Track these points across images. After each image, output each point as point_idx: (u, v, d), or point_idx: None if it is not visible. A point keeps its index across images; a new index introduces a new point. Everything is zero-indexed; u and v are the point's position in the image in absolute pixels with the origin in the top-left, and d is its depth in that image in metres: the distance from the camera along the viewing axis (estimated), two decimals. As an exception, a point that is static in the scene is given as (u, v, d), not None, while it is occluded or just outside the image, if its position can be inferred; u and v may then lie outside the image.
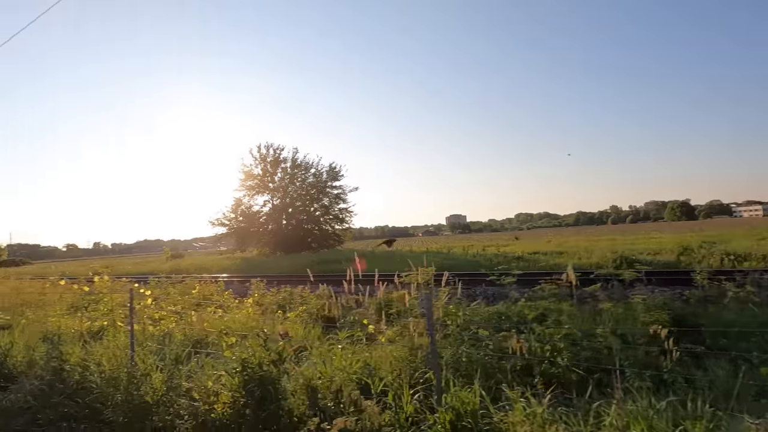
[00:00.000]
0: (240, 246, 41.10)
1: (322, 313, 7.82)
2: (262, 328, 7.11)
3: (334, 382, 3.16)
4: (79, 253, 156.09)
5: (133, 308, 4.94)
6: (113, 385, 4.37)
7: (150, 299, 6.75)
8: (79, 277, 13.02)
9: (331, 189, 41.65)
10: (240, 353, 3.54)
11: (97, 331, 6.51)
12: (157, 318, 6.56)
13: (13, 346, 5.83)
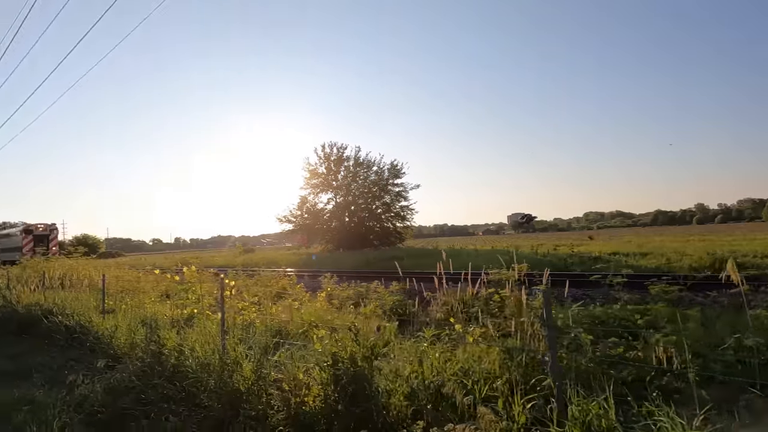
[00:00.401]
0: (305, 242, 42.65)
1: (398, 310, 7.72)
2: (333, 320, 7.19)
3: (433, 382, 2.95)
4: (162, 247, 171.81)
5: (224, 298, 5.09)
6: (206, 371, 4.54)
7: (233, 290, 7.03)
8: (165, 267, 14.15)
9: (392, 186, 41.78)
10: (330, 346, 3.45)
11: (186, 318, 6.88)
12: (240, 308, 6.80)
13: (117, 329, 6.33)
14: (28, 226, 31.54)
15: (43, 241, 30.68)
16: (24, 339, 7.54)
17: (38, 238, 30.78)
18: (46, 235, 31.57)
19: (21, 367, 6.17)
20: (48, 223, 32.40)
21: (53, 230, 32.70)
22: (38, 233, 31.23)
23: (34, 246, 29.17)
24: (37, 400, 4.69)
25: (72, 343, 6.60)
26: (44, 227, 31.90)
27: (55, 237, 32.51)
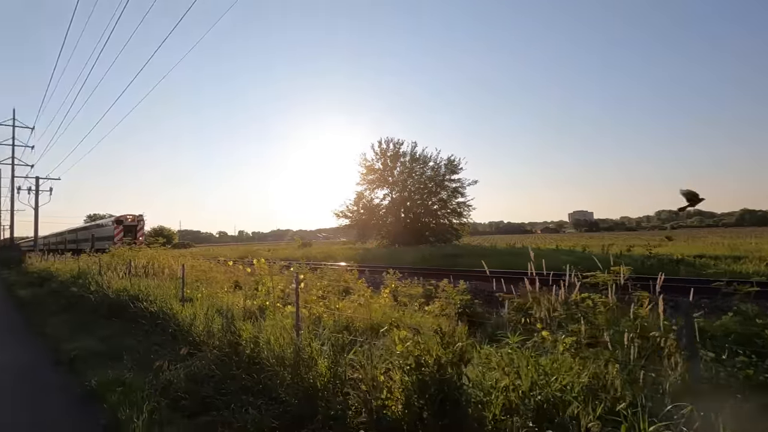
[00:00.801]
0: (361, 237, 43.17)
1: (466, 310, 7.39)
2: (400, 319, 7.02)
3: (532, 397, 2.65)
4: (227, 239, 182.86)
5: (298, 292, 5.08)
6: (281, 364, 4.54)
7: (302, 284, 7.08)
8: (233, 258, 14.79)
9: (449, 182, 41.04)
10: (413, 348, 3.25)
11: (258, 309, 7.04)
12: (308, 302, 6.83)
13: (196, 317, 6.61)
14: (119, 217, 33.45)
15: (131, 231, 32.63)
16: (114, 322, 8.16)
17: (127, 229, 32.72)
18: (134, 225, 33.51)
19: (112, 348, 6.63)
20: (136, 215, 34.19)
21: (140, 221, 34.51)
22: (128, 224, 33.19)
23: (124, 236, 31.22)
24: (128, 382, 4.96)
25: (155, 328, 7.01)
26: (132, 218, 33.76)
27: (141, 228, 34.46)
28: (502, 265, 18.61)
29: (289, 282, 8.06)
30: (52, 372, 6.08)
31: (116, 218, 33.47)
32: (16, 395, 5.17)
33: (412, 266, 19.75)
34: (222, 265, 11.34)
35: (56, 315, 10.02)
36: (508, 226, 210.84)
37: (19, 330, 9.16)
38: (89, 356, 6.39)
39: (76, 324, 8.70)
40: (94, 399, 4.82)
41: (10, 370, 6.21)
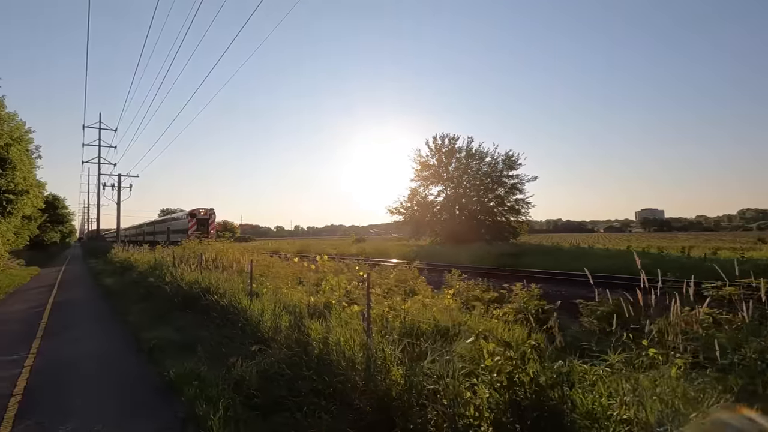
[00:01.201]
0: (415, 234, 42.80)
1: (539, 316, 6.86)
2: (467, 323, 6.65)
3: None
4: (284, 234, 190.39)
5: (369, 293, 4.89)
6: (351, 368, 4.38)
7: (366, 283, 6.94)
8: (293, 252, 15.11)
9: (506, 178, 39.52)
10: (505, 364, 2.91)
11: (323, 307, 6.99)
12: (373, 302, 6.66)
13: (264, 312, 6.67)
14: (193, 211, 33.73)
15: (203, 225, 33.29)
16: (187, 313, 8.52)
17: (200, 222, 33.23)
18: (206, 219, 33.91)
19: (186, 339, 6.88)
20: (208, 208, 34.57)
21: (212, 215, 34.81)
22: (200, 217, 33.59)
23: (197, 229, 32.05)
24: (203, 375, 5.06)
25: (226, 322, 7.19)
26: (205, 212, 34.11)
27: (213, 221, 34.95)
28: (568, 267, 17.49)
29: (351, 279, 7.98)
30: (134, 360, 6.40)
31: (190, 212, 33.93)
32: (102, 383, 5.46)
33: (469, 265, 19.11)
34: (284, 260, 11.55)
35: (136, 304, 10.73)
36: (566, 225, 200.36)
37: (106, 318, 9.90)
38: (166, 346, 6.67)
39: (153, 313, 9.23)
40: (172, 390, 4.97)
41: (97, 357, 6.64)
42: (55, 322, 9.38)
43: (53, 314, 10.40)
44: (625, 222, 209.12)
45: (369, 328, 4.59)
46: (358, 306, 6.31)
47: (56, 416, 4.41)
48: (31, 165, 21.27)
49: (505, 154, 39.43)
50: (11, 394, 5.03)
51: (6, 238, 20.60)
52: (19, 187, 18.58)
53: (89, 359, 6.53)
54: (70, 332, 8.40)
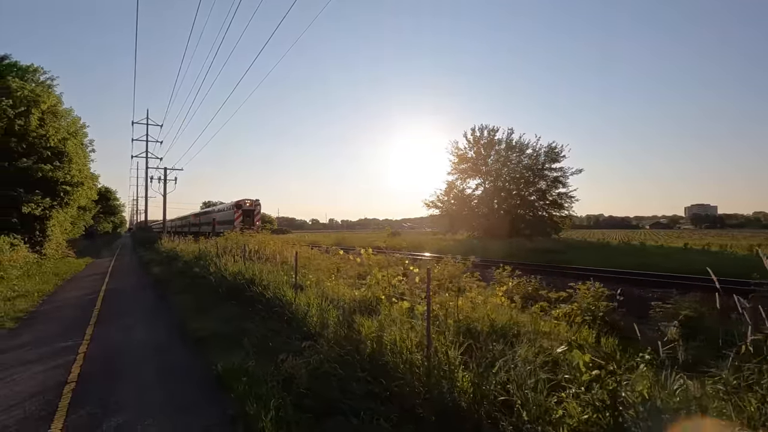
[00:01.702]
0: (451, 228, 41.97)
1: (604, 317, 6.26)
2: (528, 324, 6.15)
3: None
4: (319, 227, 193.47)
5: (430, 289, 4.50)
6: (409, 371, 4.04)
7: (416, 278, 6.57)
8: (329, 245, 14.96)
9: (548, 171, 37.89)
10: (610, 381, 2.45)
11: (369, 303, 6.69)
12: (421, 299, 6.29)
13: (310, 306, 6.45)
14: (238, 202, 32.80)
15: (249, 216, 32.36)
16: (232, 304, 8.48)
17: (246, 213, 32.31)
18: (252, 210, 32.94)
19: (232, 331, 6.77)
20: (253, 199, 33.54)
21: (257, 206, 33.81)
22: (246, 208, 32.64)
23: (243, 220, 31.37)
24: (251, 371, 4.88)
25: (271, 314, 7.05)
26: (251, 203, 33.10)
27: (258, 212, 33.96)
28: (618, 264, 16.39)
29: (395, 274, 7.63)
30: (181, 351, 6.36)
31: (235, 203, 33.11)
32: (151, 373, 5.41)
33: (512, 261, 18.33)
34: (324, 252, 11.38)
35: (182, 293, 10.89)
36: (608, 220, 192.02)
37: (154, 306, 10.09)
38: (212, 337, 6.59)
39: (199, 303, 9.28)
40: (220, 385, 4.81)
41: (146, 346, 6.65)
42: (107, 309, 9.64)
43: (105, 301, 10.73)
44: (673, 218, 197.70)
45: (428, 330, 4.21)
46: (407, 302, 5.97)
47: (108, 407, 4.34)
48: (85, 158, 22.35)
49: (547, 146, 37.80)
50: (66, 381, 5.04)
51: (63, 228, 21.77)
52: (75, 179, 19.53)
53: (139, 348, 6.55)
54: (121, 320, 8.57)
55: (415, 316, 5.43)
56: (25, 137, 17.45)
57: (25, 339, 7.11)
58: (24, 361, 5.88)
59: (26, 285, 12.50)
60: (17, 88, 16.89)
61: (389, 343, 4.43)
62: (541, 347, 4.27)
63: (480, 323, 5.53)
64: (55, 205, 18.64)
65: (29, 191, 17.02)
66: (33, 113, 17.39)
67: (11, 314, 8.78)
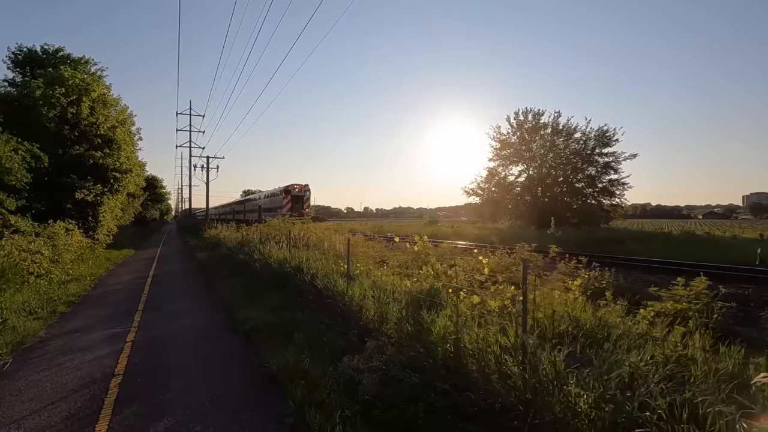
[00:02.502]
0: (492, 217, 40.50)
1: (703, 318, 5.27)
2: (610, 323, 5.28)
3: None
4: (354, 215, 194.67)
5: (527, 282, 3.74)
6: (501, 381, 3.33)
7: (486, 269, 5.84)
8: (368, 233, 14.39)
9: (599, 156, 35.52)
10: None
11: (430, 295, 6.02)
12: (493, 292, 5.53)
13: (365, 298, 5.86)
14: (287, 187, 30.85)
15: (298, 202, 30.57)
16: (278, 292, 8.07)
17: (295, 199, 30.48)
18: (301, 195, 31.02)
19: (281, 321, 6.31)
20: (303, 184, 31.49)
21: (306, 191, 31.79)
22: (295, 194, 30.75)
23: (292, 207, 29.57)
24: (307, 369, 4.35)
25: (322, 305, 6.53)
26: (300, 188, 31.10)
27: (308, 198, 31.80)
28: (683, 256, 14.86)
29: (450, 264, 6.91)
30: (230, 342, 5.94)
31: (284, 188, 30.98)
32: (199, 368, 5.00)
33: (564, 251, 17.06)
34: (368, 240, 10.80)
35: (227, 279, 10.67)
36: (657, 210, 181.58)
37: (201, 292, 9.89)
38: (261, 328, 6.15)
39: (245, 290, 8.97)
40: (275, 386, 4.30)
41: (194, 336, 6.31)
42: (154, 295, 9.52)
43: (153, 286, 10.68)
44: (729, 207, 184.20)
45: (526, 330, 3.46)
46: (477, 297, 5.26)
47: (154, 407, 3.93)
48: (133, 146, 22.87)
49: (598, 130, 35.36)
50: (113, 374, 4.72)
51: (114, 214, 22.48)
52: (123, 166, 19.98)
53: (186, 337, 6.22)
54: (168, 306, 8.38)
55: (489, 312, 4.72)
56: (77, 125, 17.92)
57: (76, 324, 6.99)
58: (73, 349, 5.66)
59: (79, 269, 12.76)
60: (69, 76, 17.29)
61: (472, 345, 3.74)
62: (665, 357, 3.45)
63: (564, 323, 4.74)
64: (105, 191, 19.15)
65: (81, 178, 17.51)
66: (84, 101, 17.79)
67: (64, 298, 8.79)
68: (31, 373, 4.79)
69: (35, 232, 13.06)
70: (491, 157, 40.31)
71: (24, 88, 17.29)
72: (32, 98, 16.34)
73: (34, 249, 10.92)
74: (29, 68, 22.51)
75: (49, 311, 7.69)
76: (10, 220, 12.36)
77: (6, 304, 7.75)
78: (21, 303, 8.00)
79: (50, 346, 5.79)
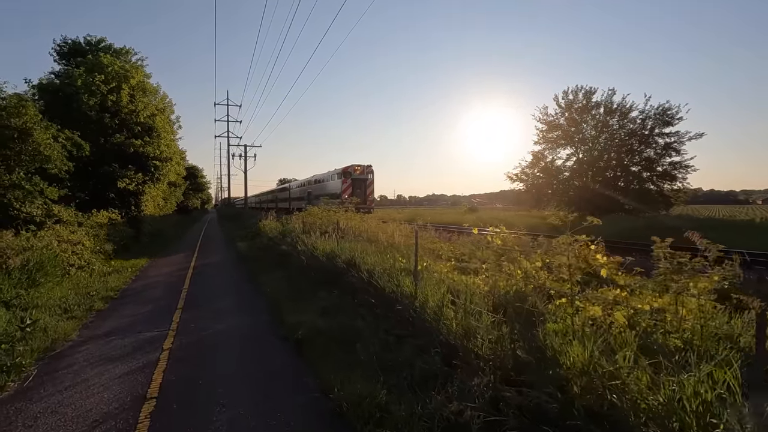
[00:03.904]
0: (537, 204, 38.26)
1: None
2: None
3: None
4: (387, 203, 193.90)
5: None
6: None
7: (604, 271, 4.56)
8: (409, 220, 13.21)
9: (659, 137, 32.48)
10: None
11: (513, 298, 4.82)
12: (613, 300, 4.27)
13: (443, 305, 4.72)
14: (346, 168, 25.76)
15: (360, 186, 25.45)
16: (329, 291, 7.11)
17: (356, 183, 25.50)
18: (363, 179, 25.84)
19: (338, 329, 5.32)
20: (365, 165, 26.13)
21: (369, 173, 26.19)
22: (356, 176, 25.60)
23: (353, 191, 24.79)
24: (387, 406, 3.30)
25: (385, 310, 5.47)
26: (361, 169, 25.87)
27: (371, 181, 26.32)
28: None
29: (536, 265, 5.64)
30: (281, 357, 5.00)
31: (343, 169, 25.80)
32: (248, 393, 4.05)
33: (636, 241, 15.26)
34: (421, 229, 9.65)
35: (271, 272, 9.87)
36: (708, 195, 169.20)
37: (243, 288, 9.09)
38: (315, 337, 5.18)
39: (291, 285, 8.09)
40: (345, 425, 3.29)
41: (238, 345, 5.39)
42: (195, 290, 8.84)
43: (194, 278, 10.05)
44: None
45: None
46: (597, 307, 4.04)
47: (194, 454, 3.00)
48: (173, 134, 22.69)
49: (658, 107, 32.25)
50: (145, 397, 3.87)
51: (156, 203, 22.48)
52: (164, 154, 19.76)
53: (230, 346, 5.34)
54: (209, 304, 7.61)
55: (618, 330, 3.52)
56: (118, 113, 17.71)
57: (111, 325, 6.30)
58: (104, 358, 4.91)
59: (122, 260, 12.42)
60: (108, 63, 17.04)
61: (636, 391, 2.53)
62: None
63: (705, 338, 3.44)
64: (147, 180, 19.00)
65: (123, 166, 17.35)
66: (123, 89, 17.54)
67: (102, 293, 8.24)
68: (53, 393, 4.02)
69: (78, 222, 12.80)
70: (536, 140, 37.89)
71: (66, 78, 17.19)
72: (74, 87, 16.16)
73: (75, 240, 10.54)
74: (73, 59, 22.69)
75: (86, 309, 7.09)
76: (54, 210, 12.11)
77: (42, 300, 7.22)
78: (58, 298, 7.48)
79: (80, 354, 5.07)
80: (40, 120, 11.34)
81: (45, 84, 16.95)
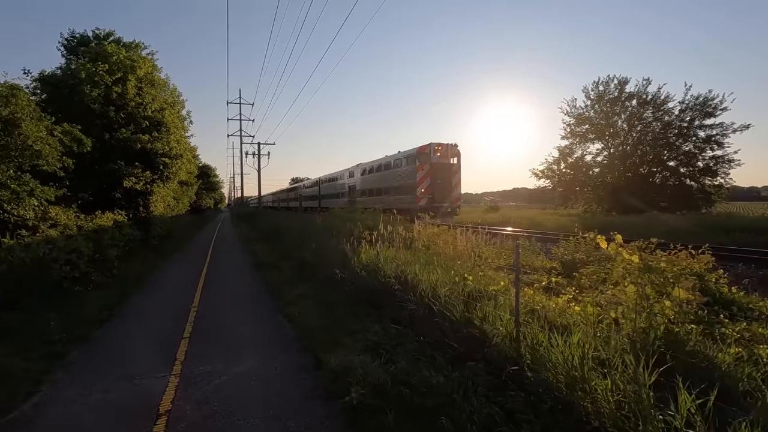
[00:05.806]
0: (564, 201, 36.20)
1: None
2: None
3: None
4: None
5: None
6: None
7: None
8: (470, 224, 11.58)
9: (699, 130, 30.18)
10: None
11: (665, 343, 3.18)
12: None
13: (570, 358, 3.09)
14: (423, 149, 18.31)
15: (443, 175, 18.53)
16: (377, 318, 5.53)
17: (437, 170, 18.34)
18: (447, 164, 18.64)
19: (405, 384, 3.73)
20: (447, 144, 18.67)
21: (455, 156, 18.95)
22: (437, 160, 18.39)
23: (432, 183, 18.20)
24: None
25: (469, 351, 3.87)
26: (443, 150, 18.41)
27: (458, 168, 19.31)
28: None
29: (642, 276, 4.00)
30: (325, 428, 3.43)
31: (418, 151, 18.21)
32: None
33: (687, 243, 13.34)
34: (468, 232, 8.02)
35: (294, 285, 8.35)
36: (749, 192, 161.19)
37: (265, 309, 7.43)
38: (375, 400, 3.59)
39: (325, 307, 6.50)
40: None
41: (264, 402, 3.80)
42: (205, 310, 7.32)
43: (204, 294, 8.57)
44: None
45: None
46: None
47: None
48: (183, 130, 21.39)
49: (699, 97, 29.94)
50: None
51: (167, 203, 21.20)
52: (173, 150, 18.44)
53: (253, 415, 3.78)
54: (223, 335, 6.00)
55: None
56: (124, 106, 16.43)
57: (82, 381, 4.83)
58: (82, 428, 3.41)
59: (125, 268, 11.05)
60: (112, 52, 15.74)
61: None
62: None
63: None
64: (156, 178, 17.71)
65: (129, 164, 16.04)
66: (129, 80, 16.25)
67: (95, 315, 6.78)
68: None
69: (78, 225, 11.46)
70: (564, 134, 35.86)
71: (68, 69, 15.95)
72: (77, 78, 14.89)
73: (69, 247, 9.15)
74: (81, 54, 21.55)
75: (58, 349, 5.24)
76: (50, 212, 10.77)
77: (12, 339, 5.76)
78: (38, 329, 6.02)
79: (42, 420, 3.57)
80: (33, 110, 9.99)
81: (46, 76, 15.73)
